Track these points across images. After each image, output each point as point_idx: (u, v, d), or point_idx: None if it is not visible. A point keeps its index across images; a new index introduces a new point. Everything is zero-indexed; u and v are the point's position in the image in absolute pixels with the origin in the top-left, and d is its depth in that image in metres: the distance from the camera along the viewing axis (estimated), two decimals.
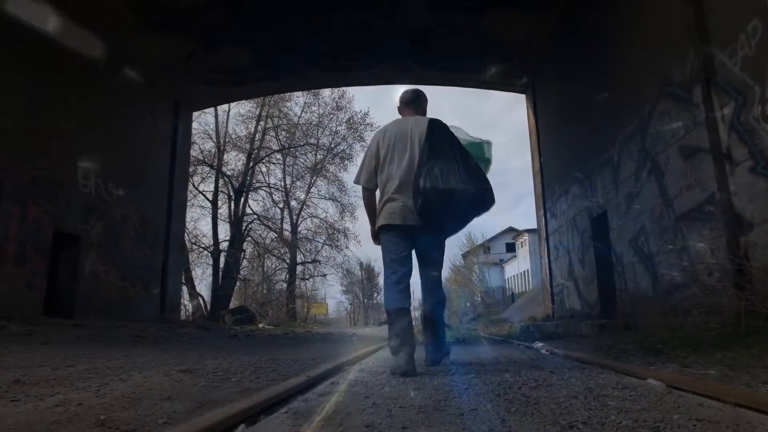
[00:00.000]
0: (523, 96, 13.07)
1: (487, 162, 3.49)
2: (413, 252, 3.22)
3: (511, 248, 53.66)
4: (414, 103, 3.48)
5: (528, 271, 45.47)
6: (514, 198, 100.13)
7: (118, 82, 10.43)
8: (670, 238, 5.70)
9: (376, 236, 3.28)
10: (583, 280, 8.86)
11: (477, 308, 42.41)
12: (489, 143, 3.55)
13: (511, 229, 53.52)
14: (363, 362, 3.70)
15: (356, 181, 3.35)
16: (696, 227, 5.17)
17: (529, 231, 45.31)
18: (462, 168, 2.99)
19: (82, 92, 9.33)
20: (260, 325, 16.21)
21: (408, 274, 3.16)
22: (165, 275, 12.06)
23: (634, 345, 3.97)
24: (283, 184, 29.04)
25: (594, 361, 3.13)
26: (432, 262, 3.28)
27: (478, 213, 3.18)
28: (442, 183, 2.91)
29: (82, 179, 9.53)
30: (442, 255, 3.38)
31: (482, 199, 3.06)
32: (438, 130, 3.16)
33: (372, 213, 3.34)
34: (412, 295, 3.33)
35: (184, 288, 24.35)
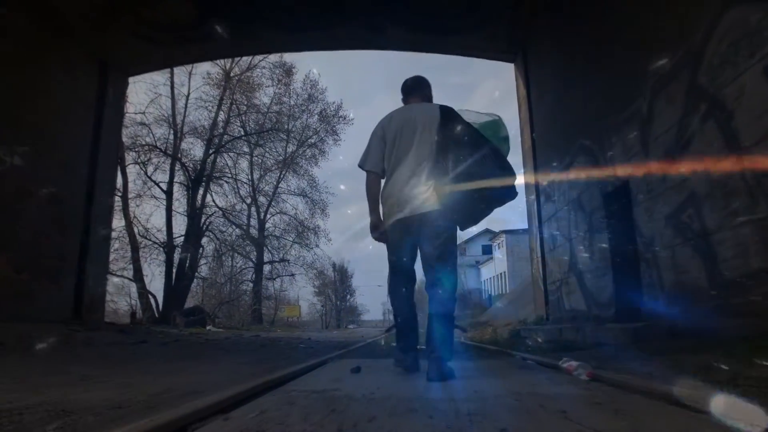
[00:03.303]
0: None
1: (506, 139, 3.23)
2: (418, 249, 3.03)
3: (487, 250, 52.56)
4: (417, 90, 3.33)
5: (505, 273, 44.25)
6: None
7: (15, 27, 8.33)
8: (741, 205, 3.97)
9: (376, 228, 3.07)
10: (591, 274, 7.13)
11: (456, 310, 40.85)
12: (500, 118, 3.29)
13: (487, 231, 52.18)
14: (259, 402, 1.85)
15: (361, 165, 3.15)
16: None
17: (506, 232, 44.07)
18: (489, 155, 2.90)
19: None
20: (208, 328, 14.18)
21: (414, 275, 3.08)
22: (83, 267, 9.92)
23: None
24: (249, 177, 26.95)
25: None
26: (443, 252, 2.94)
27: (502, 202, 3.06)
28: (474, 171, 2.80)
29: None
30: (455, 244, 3.08)
31: (509, 188, 2.96)
32: (453, 117, 3.02)
33: (374, 200, 3.10)
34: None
35: (133, 286, 22.16)
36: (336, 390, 2.25)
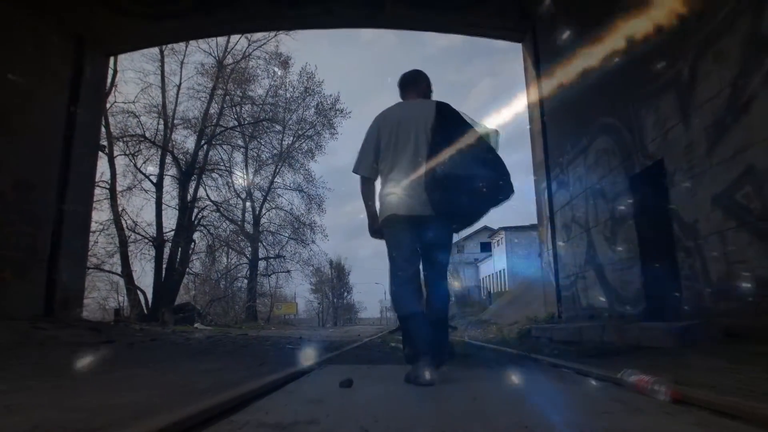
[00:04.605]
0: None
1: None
2: (418, 243, 2.88)
3: (486, 247, 51.85)
4: (413, 85, 3.14)
5: (504, 270, 43.58)
6: None
7: None
8: None
9: (373, 227, 2.98)
10: (614, 267, 6.38)
11: (452, 309, 40.17)
12: (496, 132, 3.05)
13: (486, 228, 51.54)
14: None
15: (355, 171, 3.00)
16: None
17: (505, 229, 43.36)
18: (481, 154, 2.83)
19: None
20: (195, 325, 13.43)
21: (417, 272, 2.90)
22: (55, 260, 9.11)
23: None
24: (244, 171, 26.11)
25: None
26: (438, 257, 2.91)
27: (496, 203, 2.87)
28: (462, 170, 2.70)
29: None
30: (449, 249, 3.00)
31: (502, 187, 2.83)
32: (448, 114, 2.90)
33: (369, 202, 2.99)
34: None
35: (121, 281, 21.31)
36: (311, 423, 1.49)
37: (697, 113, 4.52)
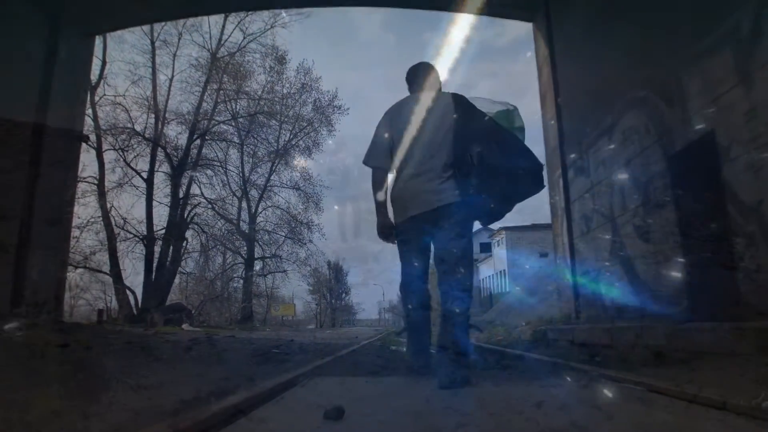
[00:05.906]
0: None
1: (521, 130, 2.99)
2: (431, 246, 2.84)
3: (486, 248, 51.06)
4: (424, 77, 3.03)
5: (505, 270, 42.87)
6: None
7: None
8: None
9: (384, 228, 2.86)
10: (646, 260, 5.60)
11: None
12: (516, 108, 3.03)
13: (486, 229, 50.73)
14: None
15: (366, 162, 2.90)
16: None
17: (506, 228, 42.60)
18: (516, 145, 2.80)
19: None
20: (183, 326, 12.68)
21: (426, 275, 2.82)
22: (23, 254, 8.32)
23: None
24: (240, 169, 25.32)
25: None
26: (457, 247, 2.65)
27: (528, 194, 2.90)
28: (502, 159, 2.67)
29: None
30: (470, 239, 2.74)
31: (537, 179, 2.85)
32: (467, 106, 2.78)
33: (381, 198, 2.85)
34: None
35: (109, 280, 20.50)
36: None
37: (764, 70, 3.75)
